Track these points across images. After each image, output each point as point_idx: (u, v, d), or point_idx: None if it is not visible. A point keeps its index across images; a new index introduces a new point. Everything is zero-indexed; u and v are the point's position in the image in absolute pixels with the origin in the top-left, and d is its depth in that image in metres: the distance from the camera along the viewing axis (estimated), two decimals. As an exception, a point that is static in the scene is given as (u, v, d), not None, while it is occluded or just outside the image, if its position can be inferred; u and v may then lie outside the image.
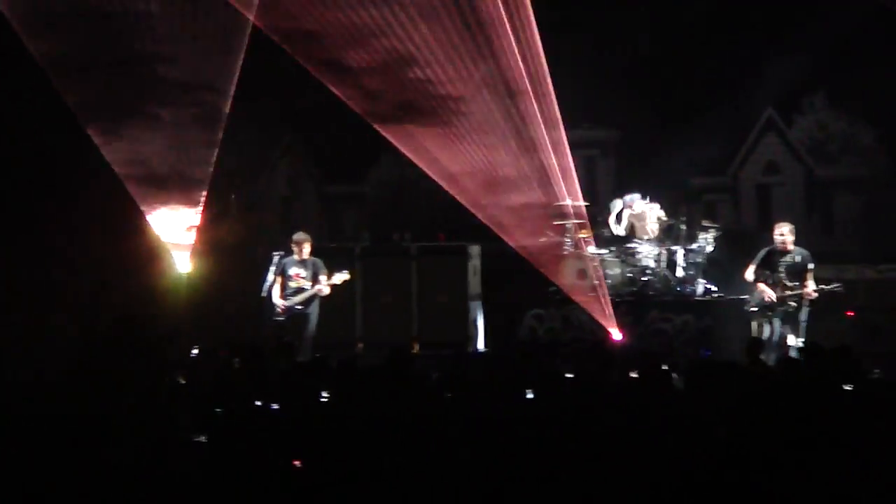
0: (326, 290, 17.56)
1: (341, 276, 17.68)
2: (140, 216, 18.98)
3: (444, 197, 19.41)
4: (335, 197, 23.11)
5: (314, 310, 17.62)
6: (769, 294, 16.58)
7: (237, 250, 20.75)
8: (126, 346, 12.97)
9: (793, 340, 16.47)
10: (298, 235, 17.87)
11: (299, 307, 17.49)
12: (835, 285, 16.71)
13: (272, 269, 17.62)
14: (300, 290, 17.51)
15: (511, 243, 19.14)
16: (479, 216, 19.43)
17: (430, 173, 19.40)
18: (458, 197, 19.36)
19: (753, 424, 8.77)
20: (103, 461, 8.44)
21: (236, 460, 8.58)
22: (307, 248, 17.66)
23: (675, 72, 20.89)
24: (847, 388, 9.68)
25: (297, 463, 8.55)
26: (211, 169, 18.95)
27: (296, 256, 17.65)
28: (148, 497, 8.16)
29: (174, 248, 19.40)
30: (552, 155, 19.83)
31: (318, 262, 17.71)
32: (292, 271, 17.57)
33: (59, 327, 18.12)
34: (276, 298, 17.53)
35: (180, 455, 8.74)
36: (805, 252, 16.79)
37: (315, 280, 17.56)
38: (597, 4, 20.82)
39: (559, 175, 20.24)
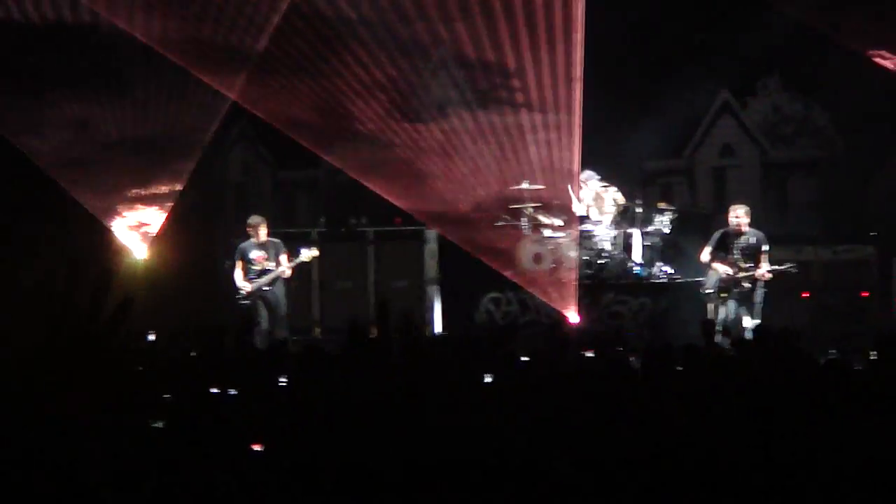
0: (288, 272, 17.55)
1: (309, 253, 17.70)
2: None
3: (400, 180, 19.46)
4: (289, 182, 23.09)
5: (280, 289, 17.60)
6: (725, 271, 16.64)
7: (193, 237, 20.74)
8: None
9: (748, 322, 16.54)
10: (253, 219, 17.82)
11: (266, 288, 17.45)
12: (788, 265, 16.81)
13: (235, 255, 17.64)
14: (265, 271, 17.47)
15: (467, 228, 19.22)
16: (438, 201, 19.50)
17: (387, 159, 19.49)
18: (416, 183, 19.43)
19: (708, 406, 8.82)
20: (60, 449, 8.41)
21: (194, 446, 8.56)
22: (264, 231, 17.62)
23: (631, 54, 20.92)
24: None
25: (256, 447, 8.55)
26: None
27: (254, 240, 17.60)
28: (105, 486, 8.13)
29: (129, 237, 19.41)
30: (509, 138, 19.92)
31: (279, 242, 17.73)
32: (253, 255, 17.53)
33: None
34: (240, 282, 17.50)
35: (137, 442, 8.72)
36: (759, 233, 16.88)
37: (277, 261, 17.54)
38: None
39: (516, 158, 20.32)
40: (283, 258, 17.53)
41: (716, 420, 8.58)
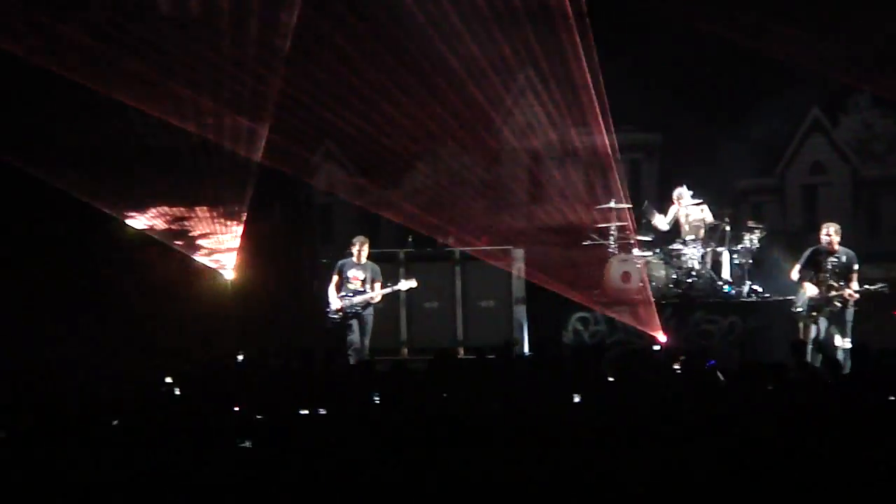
0: (379, 298, 17.62)
1: (408, 284, 17.88)
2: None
3: (485, 201, 19.49)
4: (374, 203, 23.13)
5: (370, 314, 17.68)
6: (815, 292, 16.48)
7: (279, 258, 20.88)
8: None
9: (839, 341, 16.38)
10: (358, 238, 18.01)
11: (357, 308, 17.53)
12: (880, 285, 16.62)
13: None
14: (358, 291, 17.57)
15: (556, 246, 19.18)
16: (524, 220, 19.48)
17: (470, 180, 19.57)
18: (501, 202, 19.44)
19: (798, 425, 8.74)
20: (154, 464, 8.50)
21: (280, 466, 8.60)
22: (365, 251, 17.75)
23: (720, 73, 20.80)
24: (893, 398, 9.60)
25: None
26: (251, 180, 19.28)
27: (354, 259, 17.73)
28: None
29: (215, 262, 19.63)
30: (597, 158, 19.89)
31: (376, 267, 17.86)
32: (350, 273, 17.68)
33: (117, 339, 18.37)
34: (333, 298, 17.61)
35: (226, 461, 8.77)
36: (850, 252, 16.69)
37: (372, 285, 17.63)
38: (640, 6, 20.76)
39: (604, 178, 20.28)
40: (377, 285, 17.62)
41: (807, 440, 8.50)
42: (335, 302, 17.58)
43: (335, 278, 17.72)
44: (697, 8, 20.19)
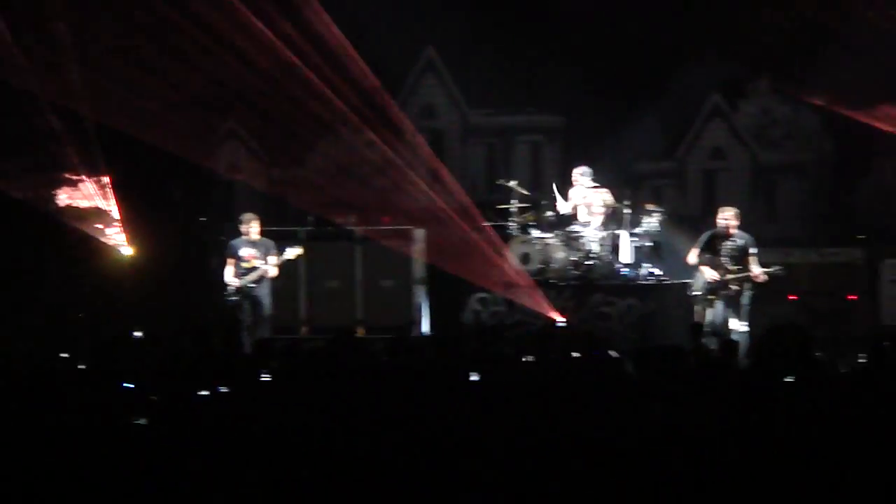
0: (274, 271, 17.48)
1: (293, 251, 17.59)
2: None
3: (387, 180, 19.49)
4: (278, 181, 23.02)
5: (265, 290, 17.53)
6: (712, 276, 16.62)
7: (180, 234, 20.74)
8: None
9: (736, 324, 16.54)
10: (245, 216, 17.79)
11: (252, 285, 17.38)
12: (776, 268, 16.80)
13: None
14: (253, 269, 17.42)
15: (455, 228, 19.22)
16: (426, 201, 19.49)
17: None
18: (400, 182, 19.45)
19: (694, 407, 8.80)
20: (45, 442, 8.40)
21: (178, 444, 8.54)
22: (256, 228, 17.54)
23: (623, 57, 20.91)
24: (789, 379, 9.69)
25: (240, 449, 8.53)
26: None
27: (245, 237, 17.55)
28: (89, 481, 8.10)
29: (113, 236, 19.46)
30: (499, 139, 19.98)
31: (270, 242, 17.64)
32: (243, 252, 17.46)
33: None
34: (229, 278, 17.44)
35: (122, 438, 8.69)
36: (747, 236, 16.86)
37: (266, 260, 17.48)
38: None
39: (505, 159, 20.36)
40: (273, 259, 17.47)
41: (702, 420, 8.57)
42: (232, 282, 17.43)
43: (230, 260, 17.54)
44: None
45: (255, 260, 17.45)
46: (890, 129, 20.08)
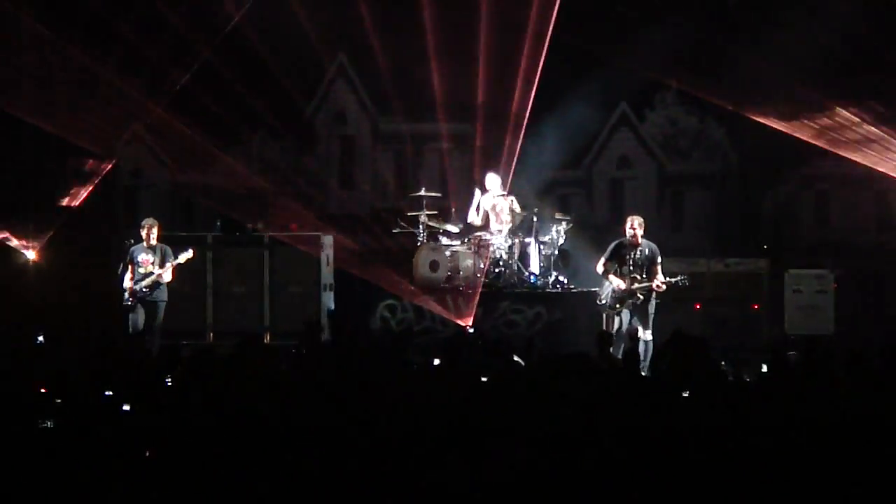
0: (168, 276, 17.23)
1: (184, 255, 17.31)
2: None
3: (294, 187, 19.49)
4: (185, 186, 22.90)
5: (161, 296, 17.29)
6: (619, 285, 16.71)
7: (85, 240, 20.55)
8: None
9: (641, 333, 16.63)
10: (145, 221, 17.53)
11: (145, 290, 17.17)
12: (680, 278, 16.90)
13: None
14: (149, 274, 17.20)
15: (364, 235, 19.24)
16: (335, 207, 19.49)
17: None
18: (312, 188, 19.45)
19: (598, 417, 8.86)
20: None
21: (83, 449, 8.47)
22: (154, 233, 17.31)
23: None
24: (685, 394, 9.77)
25: (147, 453, 8.46)
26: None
27: (144, 243, 17.33)
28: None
29: (18, 240, 19.22)
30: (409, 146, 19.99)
31: (167, 248, 17.36)
32: (141, 257, 17.22)
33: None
34: (126, 283, 17.26)
35: (27, 440, 8.61)
36: (653, 245, 16.94)
37: (163, 266, 17.26)
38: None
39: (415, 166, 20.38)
40: (169, 265, 17.23)
41: (607, 429, 8.62)
42: (128, 285, 17.23)
43: (129, 266, 17.30)
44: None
45: (150, 265, 17.22)
46: (788, 130, 20.34)
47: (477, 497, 7.83)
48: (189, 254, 17.41)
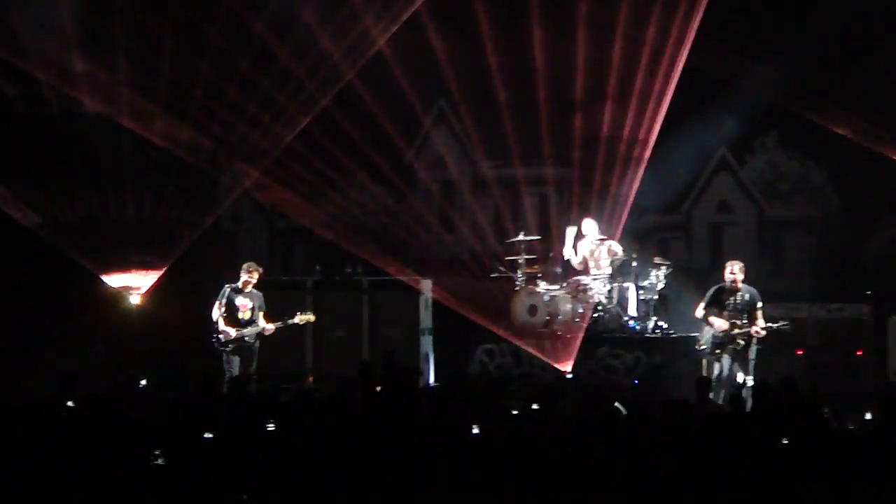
0: (271, 330, 17.19)
1: (304, 317, 17.30)
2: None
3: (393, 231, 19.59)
4: (284, 231, 23.07)
5: (257, 345, 17.18)
6: (721, 325, 16.55)
7: (185, 285, 20.80)
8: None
9: (742, 379, 16.47)
10: (246, 265, 17.45)
11: (248, 340, 17.19)
12: (782, 323, 16.75)
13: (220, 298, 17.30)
14: (251, 322, 17.15)
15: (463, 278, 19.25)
16: (434, 251, 19.53)
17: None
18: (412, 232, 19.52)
19: (701, 460, 8.79)
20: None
21: (189, 489, 8.55)
22: (254, 280, 17.23)
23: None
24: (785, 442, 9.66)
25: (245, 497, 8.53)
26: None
27: (241, 286, 17.25)
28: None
29: (125, 287, 19.52)
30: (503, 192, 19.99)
31: (260, 295, 17.25)
32: (239, 301, 17.08)
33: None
34: (223, 326, 17.13)
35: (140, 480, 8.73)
36: (753, 290, 16.81)
37: (257, 312, 17.17)
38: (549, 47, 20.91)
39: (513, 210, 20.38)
40: (261, 314, 17.18)
41: (708, 475, 8.56)
42: (229, 330, 17.10)
43: (223, 304, 17.17)
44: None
45: (247, 310, 17.11)
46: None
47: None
48: (309, 316, 17.38)
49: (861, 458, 8.99)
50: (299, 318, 17.27)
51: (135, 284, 19.68)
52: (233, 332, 17.01)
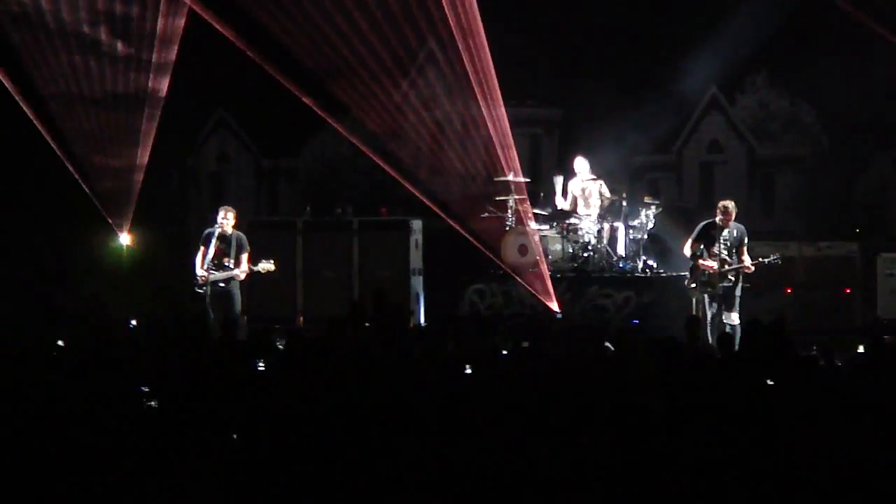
0: (242, 276, 16.87)
1: (265, 266, 16.88)
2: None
3: (384, 171, 19.55)
4: (271, 172, 23.03)
5: (235, 289, 16.91)
6: (709, 266, 16.55)
7: (170, 226, 20.79)
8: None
9: (728, 317, 16.48)
10: (223, 207, 17.21)
11: (221, 285, 16.88)
12: (773, 258, 16.72)
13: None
14: (222, 265, 16.88)
15: (453, 219, 19.23)
16: (420, 192, 19.49)
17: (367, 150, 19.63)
18: (397, 173, 19.46)
19: (688, 399, 8.82)
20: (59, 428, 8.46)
21: (185, 427, 8.58)
22: (230, 220, 16.89)
23: (620, 50, 20.94)
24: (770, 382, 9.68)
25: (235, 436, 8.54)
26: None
27: (219, 229, 17.09)
28: (103, 462, 8.15)
29: (115, 223, 19.44)
30: (494, 131, 19.90)
31: (243, 238, 16.96)
32: (213, 244, 16.80)
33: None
34: (199, 269, 16.82)
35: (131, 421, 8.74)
36: (741, 227, 16.74)
37: (237, 256, 17.04)
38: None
39: (501, 151, 20.29)
40: (244, 256, 16.94)
41: (695, 415, 8.58)
42: (201, 274, 16.75)
43: (201, 248, 16.84)
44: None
45: (222, 254, 16.84)
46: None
47: (561, 478, 7.83)
48: (270, 266, 16.96)
49: (849, 395, 9.03)
50: (262, 267, 16.94)
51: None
52: (203, 273, 16.77)
